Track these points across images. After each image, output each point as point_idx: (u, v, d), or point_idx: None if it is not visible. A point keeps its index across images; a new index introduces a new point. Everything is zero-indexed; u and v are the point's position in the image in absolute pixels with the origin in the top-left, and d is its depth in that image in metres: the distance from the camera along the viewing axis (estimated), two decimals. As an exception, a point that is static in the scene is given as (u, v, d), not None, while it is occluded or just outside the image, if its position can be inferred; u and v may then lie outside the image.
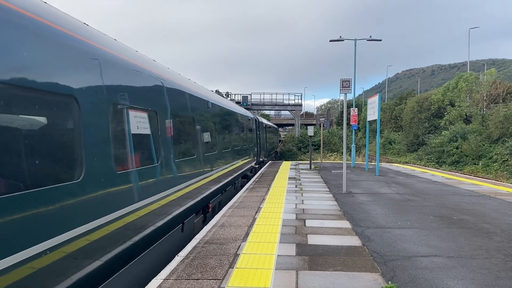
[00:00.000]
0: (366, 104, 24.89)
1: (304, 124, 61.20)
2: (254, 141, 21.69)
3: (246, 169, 17.72)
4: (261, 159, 25.02)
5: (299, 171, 20.70)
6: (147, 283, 5.10)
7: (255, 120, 23.15)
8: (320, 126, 29.11)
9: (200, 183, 9.10)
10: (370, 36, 27.56)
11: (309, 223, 8.44)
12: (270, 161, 29.26)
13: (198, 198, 8.91)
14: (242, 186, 15.18)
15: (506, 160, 29.65)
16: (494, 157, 31.25)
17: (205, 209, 9.90)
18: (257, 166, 22.18)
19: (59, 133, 4.19)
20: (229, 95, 53.32)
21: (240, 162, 15.69)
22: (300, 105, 56.73)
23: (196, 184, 8.69)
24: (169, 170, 7.04)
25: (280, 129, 73.29)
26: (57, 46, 4.12)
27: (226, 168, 12.64)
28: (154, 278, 5.28)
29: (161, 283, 5.06)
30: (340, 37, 27.40)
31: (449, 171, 27.09)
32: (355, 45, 26.84)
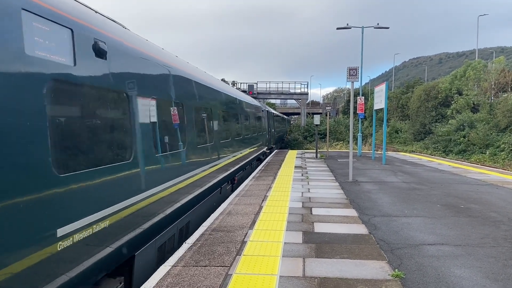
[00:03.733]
0: (373, 93, 24.73)
1: (310, 113, 60.98)
2: (287, 127, 51.54)
3: (283, 134, 43.76)
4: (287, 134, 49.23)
5: (305, 160, 20.70)
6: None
7: (287, 119, 53.99)
8: (326, 115, 29.00)
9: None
10: (378, 24, 27.27)
11: (315, 211, 8.47)
12: (276, 150, 29.34)
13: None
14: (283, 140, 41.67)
15: (514, 149, 29.44)
16: (501, 146, 31.00)
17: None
18: (284, 137, 44.51)
19: None
20: (235, 84, 53.12)
21: (282, 132, 42.90)
22: (306, 94, 56.39)
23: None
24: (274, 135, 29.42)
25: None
26: None
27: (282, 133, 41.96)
28: (163, 265, 5.34)
29: (170, 269, 5.12)
30: (347, 24, 27.14)
31: (456, 160, 26.96)
32: (362, 33, 26.58)
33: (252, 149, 17.22)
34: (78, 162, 4.03)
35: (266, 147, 22.35)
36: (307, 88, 56.56)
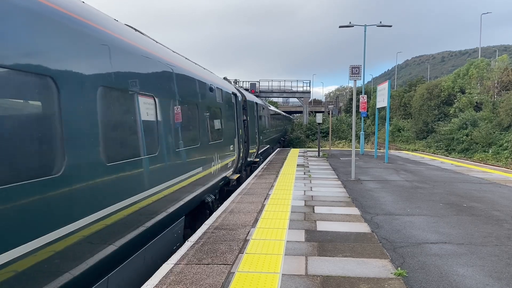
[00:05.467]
0: (375, 91, 24.69)
1: (313, 111, 60.94)
2: (289, 125, 53.36)
3: (287, 131, 48.24)
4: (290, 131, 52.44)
5: (307, 158, 20.68)
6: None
7: (293, 119, 61.87)
8: (329, 113, 28.97)
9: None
10: (380, 22, 27.19)
11: (318, 209, 8.47)
12: (278, 148, 29.37)
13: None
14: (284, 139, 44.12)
15: (517, 148, 29.34)
16: (504, 144, 30.90)
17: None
18: (286, 135, 47.81)
19: None
20: (238, 82, 53.08)
21: (287, 129, 48.84)
22: (309, 92, 56.31)
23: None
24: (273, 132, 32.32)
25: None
26: None
27: (287, 129, 48.67)
28: (165, 263, 5.35)
29: (172, 267, 5.12)
30: (350, 23, 27.07)
31: (459, 158, 26.89)
32: (365, 31, 26.51)
33: (282, 133, 38.70)
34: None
35: (283, 136, 41.10)
36: (309, 86, 56.34)
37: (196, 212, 8.36)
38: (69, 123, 3.74)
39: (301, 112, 65.33)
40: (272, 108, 30.74)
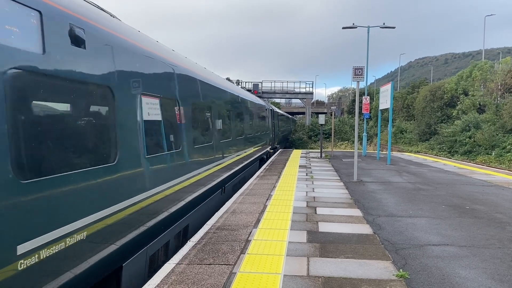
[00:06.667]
0: (378, 93, 24.71)
1: (315, 112, 60.93)
2: (293, 125, 55.55)
3: (291, 130, 50.99)
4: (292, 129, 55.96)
5: (309, 159, 20.67)
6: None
7: (296, 120, 63.71)
8: (331, 114, 28.96)
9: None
10: (384, 24, 27.11)
11: (320, 210, 8.46)
12: (280, 149, 29.38)
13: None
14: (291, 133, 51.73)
15: (520, 150, 29.27)
16: (507, 147, 30.85)
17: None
18: (289, 136, 49.66)
19: None
20: (240, 83, 53.11)
21: (290, 129, 50.20)
22: (311, 93, 56.28)
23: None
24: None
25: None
26: None
27: (290, 129, 51.06)
28: (167, 262, 5.35)
29: (174, 267, 5.13)
30: (353, 24, 27.03)
31: (462, 160, 26.83)
32: (368, 33, 26.46)
33: (289, 132, 45.49)
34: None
35: (289, 135, 47.46)
36: (312, 87, 56.34)
37: (260, 160, 18.44)
38: None
39: (303, 113, 65.28)
40: (283, 112, 42.82)
